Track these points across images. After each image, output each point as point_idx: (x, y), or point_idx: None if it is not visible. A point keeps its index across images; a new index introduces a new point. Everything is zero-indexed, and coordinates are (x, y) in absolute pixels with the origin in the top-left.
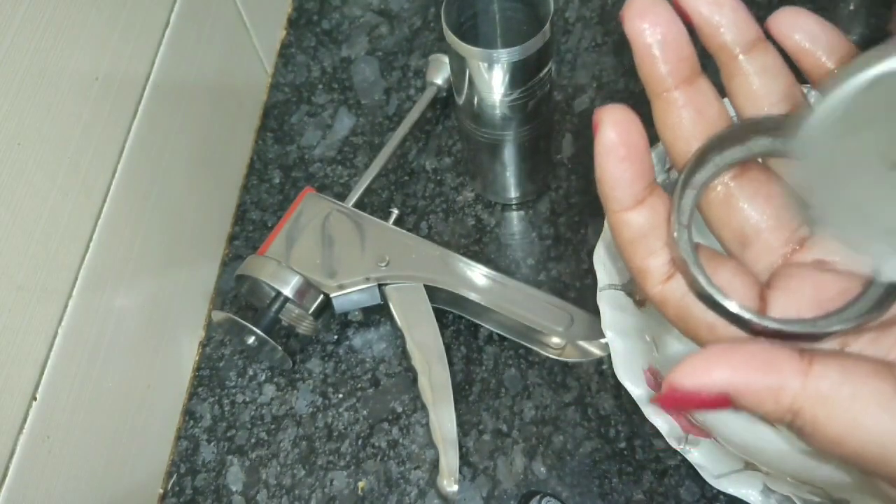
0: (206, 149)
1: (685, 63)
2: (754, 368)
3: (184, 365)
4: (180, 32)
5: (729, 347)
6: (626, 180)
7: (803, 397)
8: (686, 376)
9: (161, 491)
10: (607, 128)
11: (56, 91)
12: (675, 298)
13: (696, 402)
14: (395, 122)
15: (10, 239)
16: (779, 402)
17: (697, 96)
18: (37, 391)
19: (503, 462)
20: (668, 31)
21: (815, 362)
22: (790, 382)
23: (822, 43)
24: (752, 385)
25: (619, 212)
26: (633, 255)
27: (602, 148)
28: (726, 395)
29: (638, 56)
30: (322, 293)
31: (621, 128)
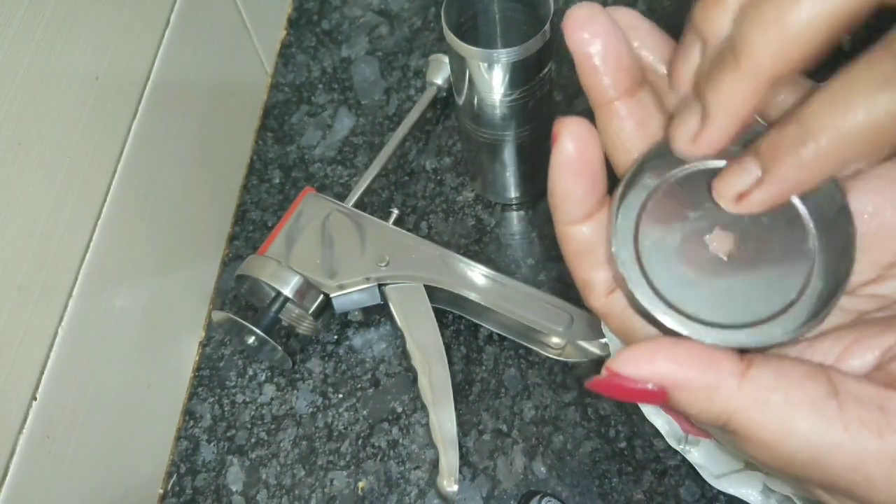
0: (206, 149)
1: (626, 74)
2: (694, 364)
3: (184, 365)
4: (180, 32)
5: (673, 342)
6: (579, 194)
7: (738, 398)
8: (627, 364)
9: (161, 491)
10: (566, 140)
11: (56, 91)
12: (617, 311)
13: (633, 392)
14: (395, 122)
15: (10, 239)
16: (713, 401)
17: (639, 108)
18: (37, 391)
19: (503, 462)
20: (608, 42)
21: (753, 365)
22: (727, 382)
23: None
24: (690, 381)
25: (566, 224)
26: (578, 267)
27: (558, 160)
28: (663, 389)
29: (579, 67)
30: (322, 293)
31: (580, 142)
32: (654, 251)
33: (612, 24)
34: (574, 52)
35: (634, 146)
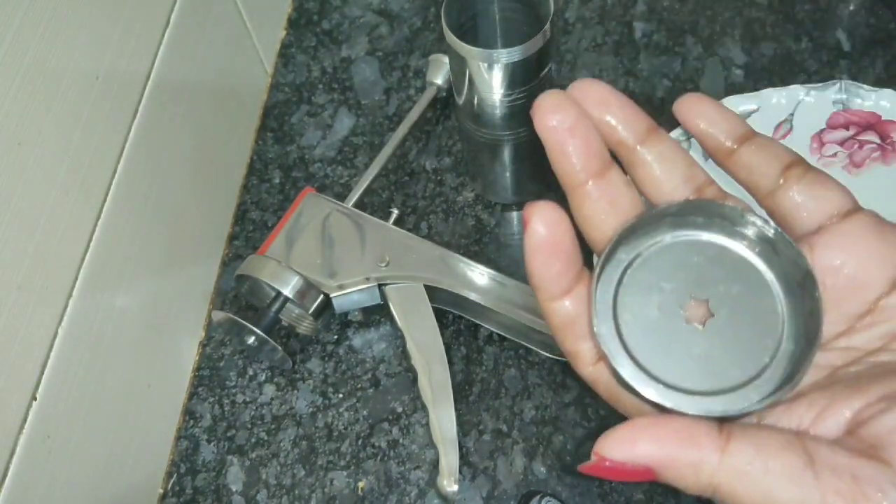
0: (206, 149)
1: (596, 158)
2: (676, 443)
3: (184, 365)
4: (180, 32)
5: (653, 422)
6: (554, 274)
7: (721, 472)
8: (613, 449)
9: (161, 491)
10: (537, 224)
11: (56, 91)
12: (604, 380)
13: (622, 473)
14: (395, 122)
15: (10, 239)
16: (699, 476)
17: (609, 188)
18: (37, 391)
19: (503, 462)
20: (577, 128)
21: (732, 439)
22: (709, 457)
23: (720, 126)
24: (674, 460)
25: (547, 301)
26: (564, 339)
27: (531, 243)
28: (650, 468)
29: (550, 153)
30: (322, 293)
31: (550, 225)
32: (633, 324)
33: (580, 111)
34: (544, 139)
35: (608, 224)
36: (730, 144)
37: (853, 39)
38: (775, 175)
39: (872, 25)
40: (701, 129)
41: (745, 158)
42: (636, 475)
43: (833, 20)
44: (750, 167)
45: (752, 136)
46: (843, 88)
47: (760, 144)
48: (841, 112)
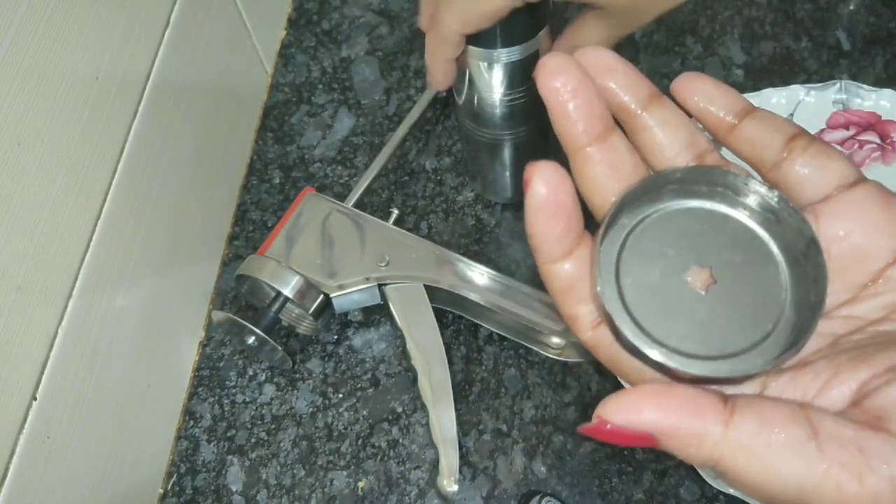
0: (206, 149)
1: (598, 121)
2: (681, 413)
3: (184, 365)
4: (180, 32)
5: (659, 389)
6: (555, 235)
7: (724, 445)
8: (616, 412)
9: (161, 491)
10: (538, 184)
11: (56, 91)
12: (605, 344)
13: (622, 437)
14: (395, 122)
15: (10, 239)
16: (701, 447)
17: (611, 152)
18: (37, 391)
19: (503, 462)
20: (580, 90)
21: (736, 411)
22: (712, 429)
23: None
24: (677, 429)
25: (548, 263)
26: (564, 303)
27: (532, 204)
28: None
29: (553, 114)
30: (322, 293)
31: (551, 185)
32: (636, 288)
33: (584, 74)
34: (547, 100)
35: (610, 189)
36: (731, 119)
37: (853, 39)
38: (779, 147)
39: (872, 25)
40: (700, 106)
41: (747, 132)
42: (636, 440)
43: (833, 20)
44: (753, 141)
45: (753, 110)
46: (843, 88)
47: (762, 118)
48: (841, 112)
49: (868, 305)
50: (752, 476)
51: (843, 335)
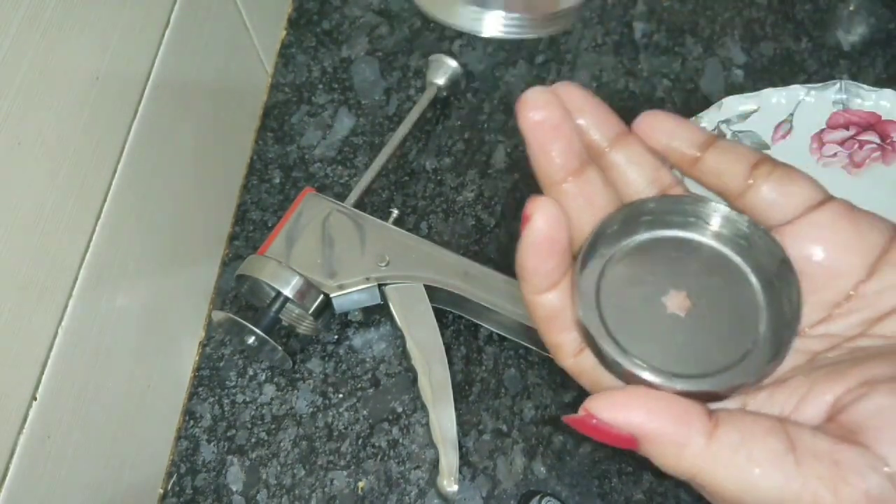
0: (206, 149)
1: (575, 156)
2: (667, 419)
3: (184, 365)
4: (180, 32)
5: (649, 392)
6: (546, 271)
7: (705, 456)
8: (604, 408)
9: (161, 491)
10: (539, 220)
11: (56, 91)
12: (587, 370)
13: (605, 434)
14: (395, 122)
15: (10, 239)
16: (681, 457)
17: (587, 186)
18: (37, 391)
19: (503, 462)
20: (561, 127)
21: (720, 424)
22: (695, 440)
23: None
24: (661, 434)
25: (535, 294)
26: (548, 331)
27: (529, 239)
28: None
29: (531, 149)
30: (322, 293)
31: (551, 222)
32: (616, 312)
33: (564, 110)
34: (526, 134)
35: (586, 221)
36: (694, 152)
37: (853, 39)
38: (743, 175)
39: (872, 25)
40: (663, 143)
41: (710, 163)
42: (618, 440)
43: (833, 20)
44: (717, 171)
45: (715, 141)
46: (843, 88)
47: (724, 148)
48: (841, 112)
49: (843, 323)
50: (730, 489)
51: (820, 352)
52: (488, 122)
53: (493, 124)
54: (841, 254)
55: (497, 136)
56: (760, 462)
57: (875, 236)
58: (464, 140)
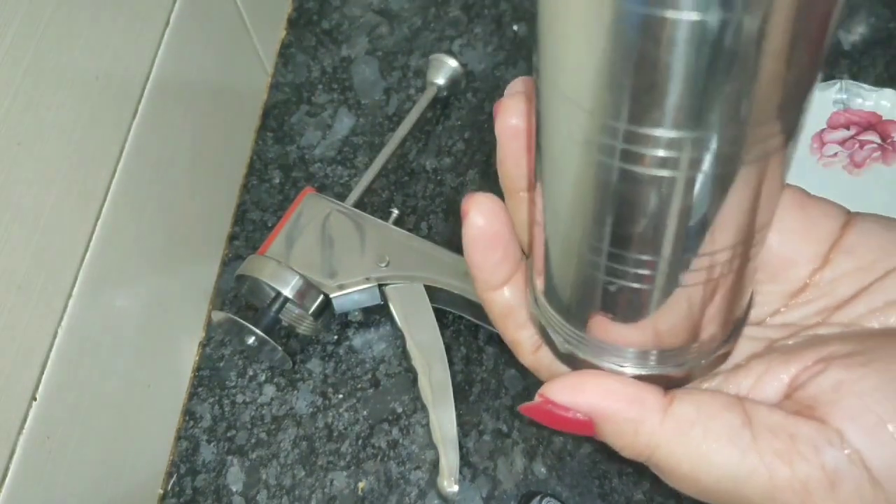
0: (206, 149)
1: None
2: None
3: (184, 365)
4: (180, 32)
5: (604, 374)
6: (492, 264)
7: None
8: (560, 391)
9: (161, 491)
10: (475, 215)
11: (56, 91)
12: (545, 365)
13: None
14: (395, 122)
15: (10, 239)
16: (637, 435)
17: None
18: (37, 391)
19: (503, 462)
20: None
21: (675, 400)
22: (651, 417)
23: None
24: (615, 413)
25: (487, 291)
26: (505, 329)
27: (469, 234)
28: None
29: (501, 152)
30: (322, 293)
31: (488, 215)
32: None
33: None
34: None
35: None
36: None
37: (854, 39)
38: None
39: (872, 25)
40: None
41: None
42: (576, 426)
43: None
44: None
45: None
46: (844, 88)
47: None
48: (841, 112)
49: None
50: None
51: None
52: (488, 122)
53: (493, 124)
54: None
55: None
56: (716, 437)
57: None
58: (464, 140)
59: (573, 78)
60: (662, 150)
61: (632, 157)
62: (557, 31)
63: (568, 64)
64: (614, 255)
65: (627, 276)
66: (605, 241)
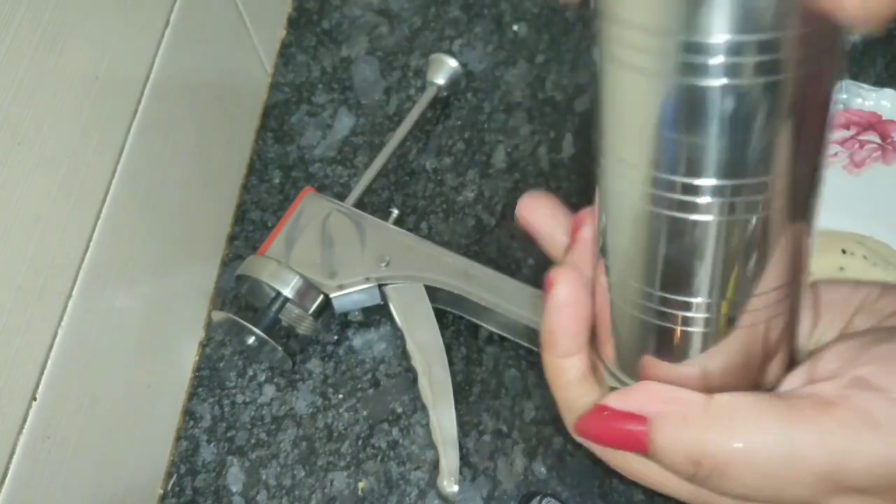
0: (206, 149)
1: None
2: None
3: (184, 365)
4: (180, 32)
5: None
6: (572, 332)
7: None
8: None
9: (161, 491)
10: (560, 287)
11: (56, 91)
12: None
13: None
14: (395, 122)
15: (10, 239)
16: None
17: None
18: (37, 391)
19: (503, 462)
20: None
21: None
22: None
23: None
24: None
25: (560, 357)
26: (570, 396)
27: (554, 303)
28: (644, 431)
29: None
30: (322, 293)
31: (572, 287)
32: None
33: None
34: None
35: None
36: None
37: (854, 39)
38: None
39: None
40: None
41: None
42: (630, 438)
43: None
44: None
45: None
46: (844, 88)
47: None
48: (842, 112)
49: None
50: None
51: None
52: (488, 122)
53: (493, 124)
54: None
55: (497, 136)
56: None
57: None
58: (464, 140)
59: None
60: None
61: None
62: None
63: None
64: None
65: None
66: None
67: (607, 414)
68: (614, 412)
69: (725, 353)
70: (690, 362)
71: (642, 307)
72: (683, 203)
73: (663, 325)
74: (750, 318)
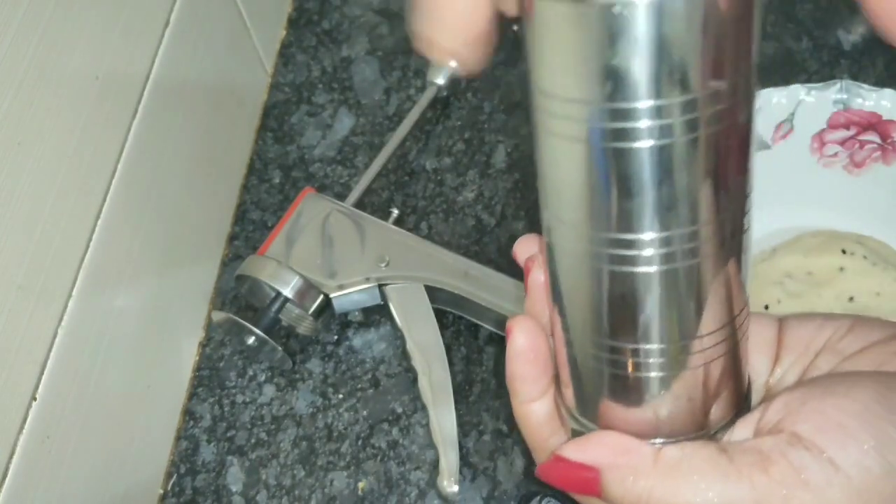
0: (206, 149)
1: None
2: (621, 451)
3: (184, 365)
4: (180, 32)
5: (605, 433)
6: (532, 377)
7: (654, 475)
8: (568, 450)
9: (161, 491)
10: (516, 335)
11: (56, 91)
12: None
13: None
14: (395, 122)
15: (10, 239)
16: (636, 478)
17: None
18: (37, 391)
19: (503, 462)
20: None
21: (663, 448)
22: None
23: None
24: (617, 462)
25: (525, 403)
26: (538, 437)
27: (513, 351)
28: (597, 476)
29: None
30: (322, 293)
31: (529, 335)
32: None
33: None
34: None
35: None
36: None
37: (854, 39)
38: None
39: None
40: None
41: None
42: (585, 485)
43: (834, 19)
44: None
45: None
46: (844, 88)
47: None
48: (842, 112)
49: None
50: (681, 499)
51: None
52: (488, 122)
53: (493, 124)
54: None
55: (497, 136)
56: (699, 467)
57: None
58: (464, 140)
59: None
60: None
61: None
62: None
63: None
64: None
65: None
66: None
67: (563, 464)
68: (569, 463)
69: (675, 396)
70: (643, 406)
71: (594, 355)
72: (621, 257)
73: (614, 372)
74: (697, 360)
